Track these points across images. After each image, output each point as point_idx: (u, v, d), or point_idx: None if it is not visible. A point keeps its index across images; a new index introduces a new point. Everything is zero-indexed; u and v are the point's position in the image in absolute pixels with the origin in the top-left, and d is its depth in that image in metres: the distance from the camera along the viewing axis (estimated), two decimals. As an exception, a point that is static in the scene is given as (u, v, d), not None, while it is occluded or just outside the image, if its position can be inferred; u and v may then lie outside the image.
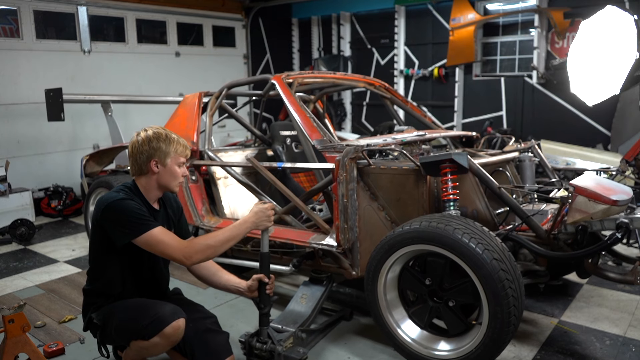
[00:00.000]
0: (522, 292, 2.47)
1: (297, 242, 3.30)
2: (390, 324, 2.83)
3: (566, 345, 3.07)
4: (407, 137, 3.49)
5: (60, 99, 5.34)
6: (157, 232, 2.28)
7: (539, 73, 7.46)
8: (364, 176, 3.11)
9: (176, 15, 8.30)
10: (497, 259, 2.40)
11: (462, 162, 2.71)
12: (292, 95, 3.67)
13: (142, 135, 2.42)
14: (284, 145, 4.46)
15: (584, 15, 5.20)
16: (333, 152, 3.26)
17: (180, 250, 2.27)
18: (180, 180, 2.49)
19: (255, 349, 2.70)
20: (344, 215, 3.02)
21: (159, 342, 2.26)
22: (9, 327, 2.52)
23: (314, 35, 10.08)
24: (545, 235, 2.80)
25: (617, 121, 6.82)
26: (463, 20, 7.98)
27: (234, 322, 3.46)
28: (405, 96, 9.02)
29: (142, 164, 2.40)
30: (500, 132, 7.37)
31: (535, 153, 3.78)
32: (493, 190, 2.82)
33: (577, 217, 2.53)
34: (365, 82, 4.56)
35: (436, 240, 2.52)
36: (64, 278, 4.39)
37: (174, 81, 8.15)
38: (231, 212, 4.04)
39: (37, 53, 6.67)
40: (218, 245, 2.33)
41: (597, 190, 2.47)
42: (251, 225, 2.42)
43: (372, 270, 2.80)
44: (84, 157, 5.26)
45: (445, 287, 2.65)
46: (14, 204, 5.86)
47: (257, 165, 3.51)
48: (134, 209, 2.29)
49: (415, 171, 2.94)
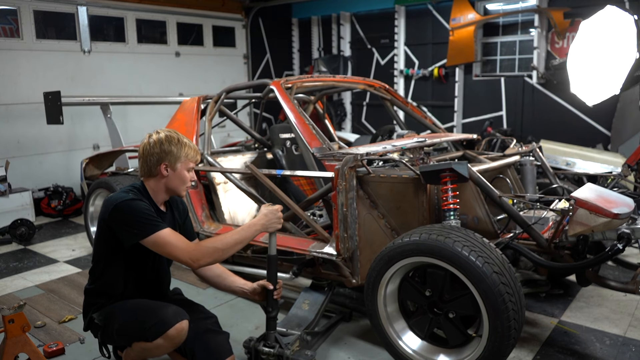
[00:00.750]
0: (522, 305, 2.44)
1: (297, 250, 3.29)
2: (390, 335, 2.80)
3: (566, 345, 3.07)
4: (407, 144, 3.47)
5: (58, 102, 5.31)
6: (166, 233, 2.27)
7: (539, 73, 7.46)
8: (363, 184, 3.08)
9: (176, 15, 8.30)
10: (497, 272, 2.37)
11: (462, 172, 2.69)
12: (291, 102, 3.64)
13: (154, 138, 2.40)
14: (283, 148, 4.44)
15: (584, 15, 5.20)
16: (332, 161, 3.23)
17: (187, 253, 2.26)
18: (188, 185, 2.47)
19: (262, 353, 2.66)
20: (344, 224, 3.00)
21: (162, 344, 2.26)
22: (9, 327, 2.52)
23: (314, 35, 10.09)
24: (546, 244, 2.78)
25: (617, 121, 6.82)
26: (463, 20, 7.98)
27: (234, 322, 3.46)
28: (405, 96, 9.02)
29: (152, 167, 2.40)
30: (500, 132, 7.36)
31: (536, 156, 3.76)
32: (494, 199, 2.80)
33: (578, 230, 2.51)
34: (365, 83, 4.55)
35: (435, 252, 2.49)
36: (64, 278, 4.39)
37: (174, 81, 8.15)
38: (231, 217, 4.02)
39: (37, 53, 6.67)
40: (226, 248, 2.31)
41: (599, 203, 2.45)
42: (260, 227, 2.40)
43: (372, 282, 2.76)
44: (84, 160, 5.27)
45: (445, 298, 2.62)
46: (14, 204, 5.87)
47: (256, 172, 3.48)
48: (143, 210, 2.28)
49: (415, 180, 2.91)
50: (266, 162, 4.57)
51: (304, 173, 3.50)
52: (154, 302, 2.39)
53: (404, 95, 9.02)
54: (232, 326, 3.38)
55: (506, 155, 3.80)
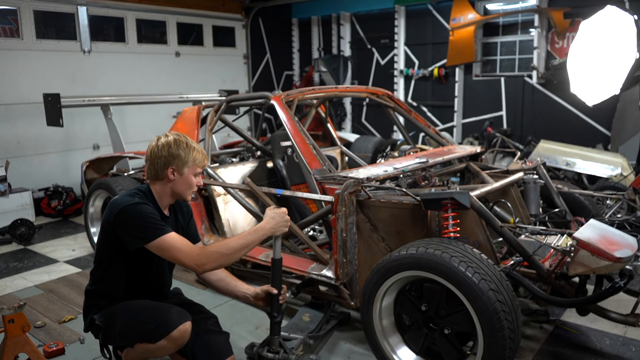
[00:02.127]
0: (519, 324, 2.40)
1: (296, 271, 3.28)
2: (385, 348, 2.76)
3: (566, 345, 3.07)
4: (409, 166, 3.41)
5: (58, 105, 5.30)
6: (170, 237, 2.26)
7: (539, 73, 7.46)
8: (363, 208, 3.04)
9: (176, 15, 8.30)
10: (494, 289, 2.32)
11: (464, 202, 2.65)
12: (292, 119, 3.59)
13: (163, 141, 2.38)
14: (284, 156, 4.40)
15: (584, 15, 5.20)
16: (333, 184, 3.20)
17: (192, 258, 2.24)
18: (194, 189, 2.45)
19: (266, 359, 2.64)
20: (343, 250, 2.99)
21: (165, 346, 2.26)
22: (9, 327, 2.52)
23: (314, 35, 10.08)
24: (547, 274, 2.73)
25: (617, 121, 6.81)
26: (463, 20, 7.97)
27: (235, 322, 3.46)
28: (405, 96, 9.03)
29: (158, 170, 2.38)
30: (500, 132, 7.37)
31: (540, 174, 3.68)
32: (495, 228, 2.75)
33: (579, 270, 2.47)
34: (368, 92, 4.50)
35: (432, 267, 2.45)
36: (64, 278, 4.39)
37: (174, 81, 8.14)
38: (231, 229, 3.99)
39: (37, 53, 6.67)
40: (231, 253, 2.29)
41: (601, 245, 2.39)
42: (268, 231, 2.36)
43: (368, 294, 2.73)
44: (84, 163, 5.26)
45: (441, 314, 2.59)
46: (14, 204, 5.86)
47: (255, 190, 3.49)
48: (149, 214, 2.27)
49: (415, 205, 2.86)
50: (267, 172, 4.52)
51: (304, 195, 3.44)
52: (156, 303, 2.39)
53: (404, 95, 9.02)
54: (233, 326, 3.38)
55: (509, 171, 3.74)
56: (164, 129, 7.10)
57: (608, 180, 5.57)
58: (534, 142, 7.01)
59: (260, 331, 3.36)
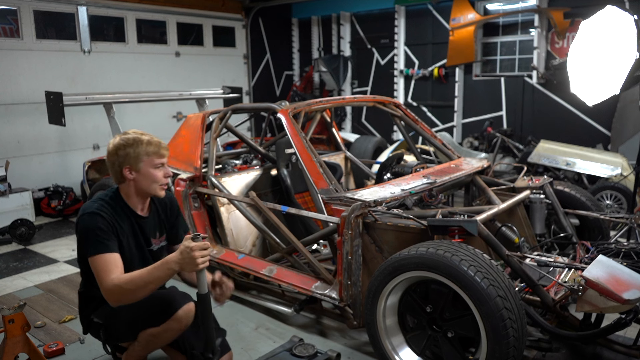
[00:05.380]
0: (524, 332, 2.37)
1: (299, 289, 3.26)
2: (387, 348, 2.75)
3: (566, 346, 3.06)
4: (417, 187, 3.38)
5: (60, 104, 5.29)
6: (104, 258, 2.19)
7: (539, 73, 7.46)
8: (369, 229, 3.01)
9: (176, 15, 8.30)
10: (501, 296, 2.31)
11: (471, 230, 2.64)
12: (298, 135, 3.54)
13: (111, 144, 2.37)
14: (289, 163, 4.36)
15: (584, 15, 5.19)
16: (339, 205, 3.16)
17: (106, 290, 2.17)
18: (161, 182, 2.40)
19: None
20: (348, 272, 2.98)
21: (171, 327, 2.27)
22: (9, 327, 2.52)
23: (314, 35, 10.08)
24: (552, 303, 2.71)
25: (617, 121, 6.82)
26: (463, 20, 7.98)
27: (234, 321, 3.46)
28: (405, 96, 9.03)
29: (117, 173, 2.37)
30: (500, 132, 7.36)
31: (547, 193, 3.63)
32: (501, 257, 2.73)
33: (587, 309, 2.46)
34: (375, 101, 4.44)
35: (440, 269, 2.43)
36: (64, 278, 4.40)
37: (174, 81, 8.14)
38: (234, 239, 3.95)
39: (37, 53, 6.67)
40: (135, 289, 2.13)
41: (610, 285, 2.37)
42: (174, 266, 2.08)
43: (373, 292, 2.72)
44: (86, 163, 5.24)
45: (445, 316, 2.58)
46: (14, 204, 5.87)
47: (260, 205, 3.49)
48: (95, 227, 2.24)
49: (422, 230, 2.83)
50: (271, 180, 4.47)
51: (310, 214, 3.36)
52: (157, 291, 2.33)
53: (404, 95, 9.02)
54: (232, 326, 3.38)
55: (516, 188, 3.70)
56: (164, 128, 7.13)
57: (608, 180, 5.58)
58: (534, 142, 7.00)
59: (261, 331, 3.36)
